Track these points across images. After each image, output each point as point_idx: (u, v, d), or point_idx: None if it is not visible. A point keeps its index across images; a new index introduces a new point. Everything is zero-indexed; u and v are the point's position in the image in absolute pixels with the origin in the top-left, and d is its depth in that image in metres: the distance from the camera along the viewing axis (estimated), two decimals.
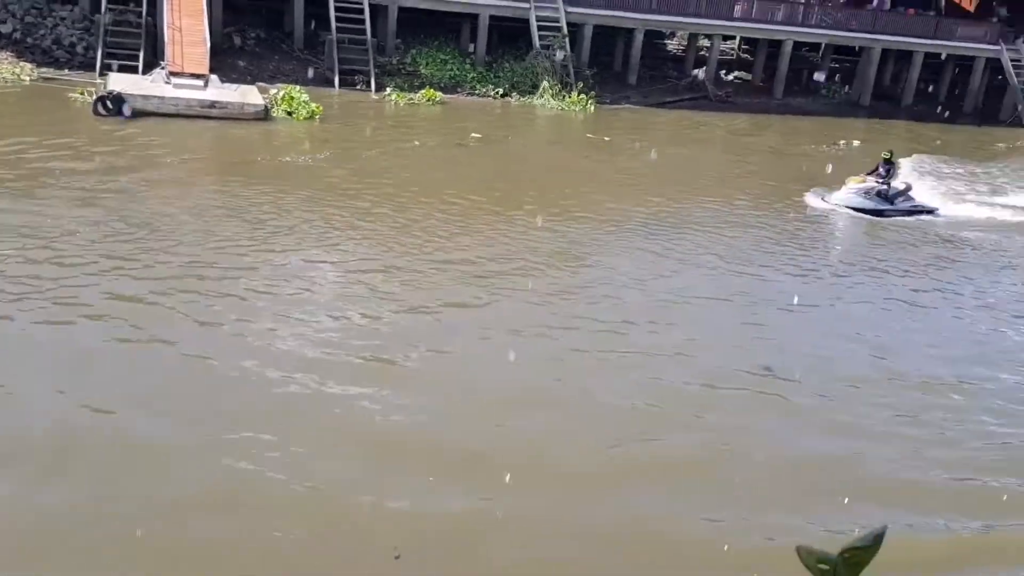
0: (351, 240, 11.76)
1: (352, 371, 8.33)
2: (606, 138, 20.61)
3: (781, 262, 13.06)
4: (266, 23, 23.67)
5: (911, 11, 29.52)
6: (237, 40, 22.77)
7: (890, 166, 16.67)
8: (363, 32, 22.24)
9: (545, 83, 23.61)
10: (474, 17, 24.26)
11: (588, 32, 25.21)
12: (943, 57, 30.35)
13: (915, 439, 8.38)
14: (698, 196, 16.38)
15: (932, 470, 7.93)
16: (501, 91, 23.59)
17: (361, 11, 22.35)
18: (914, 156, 21.69)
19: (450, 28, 25.02)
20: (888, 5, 29.47)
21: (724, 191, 17.03)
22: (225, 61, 21.10)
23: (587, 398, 8.47)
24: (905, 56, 29.57)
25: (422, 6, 23.44)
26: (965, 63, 30.51)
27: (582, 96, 23.47)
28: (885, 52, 29.11)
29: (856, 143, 22.27)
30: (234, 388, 7.91)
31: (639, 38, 26.08)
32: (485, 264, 11.44)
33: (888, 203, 16.24)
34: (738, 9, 26.91)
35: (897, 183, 16.76)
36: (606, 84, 25.62)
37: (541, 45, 23.98)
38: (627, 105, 24.98)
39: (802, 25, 27.54)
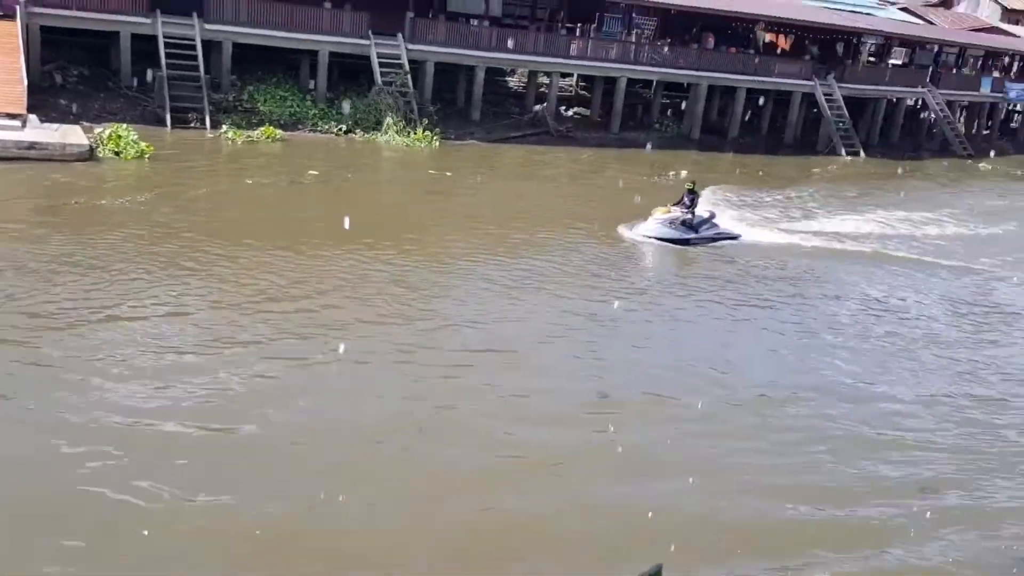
0: (170, 288, 11.21)
1: (167, 442, 7.79)
2: (448, 173, 20.88)
3: (602, 293, 13.38)
4: (90, 60, 22.69)
5: (732, 50, 31.65)
6: (58, 78, 21.70)
7: (694, 196, 17.28)
8: (196, 68, 21.70)
9: (389, 119, 23.73)
10: (314, 53, 24.15)
11: (430, 69, 25.57)
12: (759, 99, 32.56)
13: (740, 471, 8.60)
14: (534, 230, 16.75)
15: (755, 505, 8.10)
16: (344, 128, 23.53)
17: (193, 47, 21.82)
18: (736, 186, 23.13)
19: (289, 64, 24.79)
20: (712, 44, 31.46)
21: (559, 224, 17.50)
22: (45, 100, 20.05)
23: (424, 451, 8.29)
24: (730, 92, 31.59)
25: (258, 42, 23.11)
26: (784, 98, 32.91)
27: (427, 132, 23.73)
28: (711, 88, 31.02)
29: (684, 174, 23.50)
30: (23, 472, 7.19)
31: (480, 75, 26.68)
32: (317, 310, 11.14)
33: (693, 232, 16.87)
34: (574, 48, 28.05)
35: (701, 212, 17.43)
36: (450, 120, 26.02)
37: (383, 82, 24.12)
38: (472, 141, 25.43)
39: (634, 63, 28.98)
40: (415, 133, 23.60)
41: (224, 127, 21.30)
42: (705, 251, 16.71)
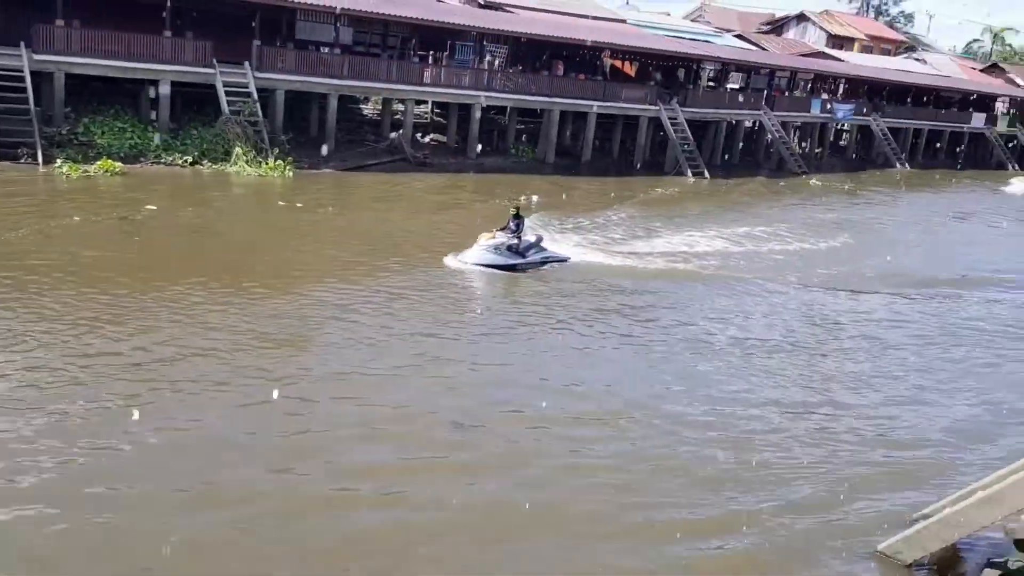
0: None
1: None
2: (299, 204, 20.52)
3: (430, 324, 13.05)
4: None
5: (582, 76, 32.78)
6: None
7: (519, 220, 16.86)
8: (25, 101, 20.60)
9: (238, 149, 23.21)
10: (155, 83, 23.35)
11: (280, 97, 25.25)
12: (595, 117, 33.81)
13: (597, 510, 8.51)
14: (375, 261, 16.16)
15: (615, 548, 7.98)
16: (190, 159, 22.84)
17: (22, 79, 20.73)
18: (586, 207, 23.88)
19: (128, 95, 23.87)
20: (561, 71, 32.49)
21: (402, 253, 17.00)
22: None
23: (264, 509, 7.89)
24: (582, 117, 32.67)
25: (93, 73, 22.16)
26: (632, 122, 34.33)
27: (279, 162, 23.35)
28: (564, 114, 31.99)
29: (535, 198, 24.05)
30: None
31: (333, 103, 26.52)
32: (144, 363, 10.30)
33: (519, 256, 16.64)
34: (427, 75, 28.32)
35: (528, 236, 17.23)
36: (303, 149, 25.71)
37: (231, 111, 23.59)
38: (327, 169, 25.19)
39: (488, 90, 29.54)
40: (266, 163, 23.20)
41: (58, 161, 20.28)
42: (531, 276, 16.45)
